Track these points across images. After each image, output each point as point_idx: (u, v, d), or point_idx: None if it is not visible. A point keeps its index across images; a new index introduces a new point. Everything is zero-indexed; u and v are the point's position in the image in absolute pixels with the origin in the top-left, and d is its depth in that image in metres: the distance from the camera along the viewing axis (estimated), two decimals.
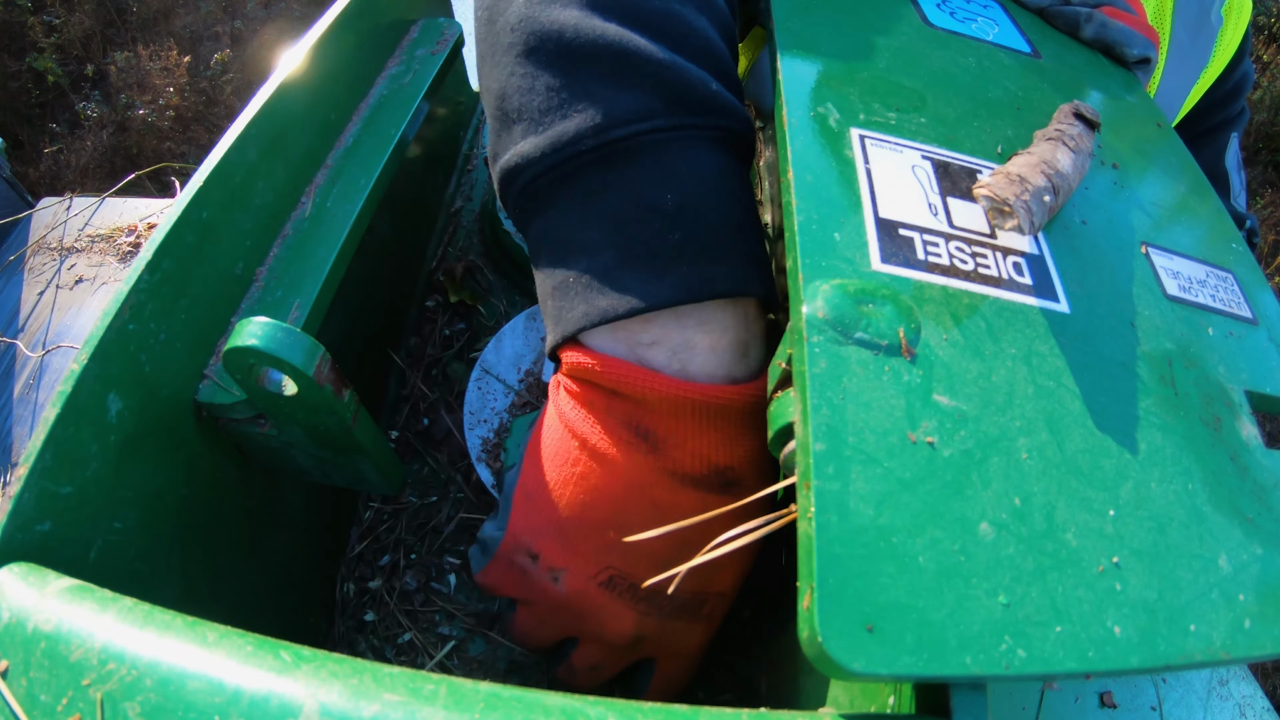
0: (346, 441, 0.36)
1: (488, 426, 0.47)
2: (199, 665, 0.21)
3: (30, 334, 0.74)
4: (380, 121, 0.46)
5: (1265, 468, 0.28)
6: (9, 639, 0.23)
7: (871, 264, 0.28)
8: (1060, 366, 0.27)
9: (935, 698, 0.23)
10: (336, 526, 0.50)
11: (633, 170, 0.33)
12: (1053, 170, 0.31)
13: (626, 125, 0.33)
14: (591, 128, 0.33)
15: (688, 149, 0.34)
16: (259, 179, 0.38)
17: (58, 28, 2.29)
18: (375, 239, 0.49)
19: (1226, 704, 0.44)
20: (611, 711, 0.21)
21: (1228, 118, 0.77)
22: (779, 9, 0.41)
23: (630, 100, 0.33)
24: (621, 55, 0.33)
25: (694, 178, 0.33)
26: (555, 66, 0.34)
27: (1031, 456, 0.25)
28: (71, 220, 0.82)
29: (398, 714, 0.20)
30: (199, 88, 2.21)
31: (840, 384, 0.25)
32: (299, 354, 0.31)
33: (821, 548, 0.21)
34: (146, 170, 1.05)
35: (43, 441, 0.27)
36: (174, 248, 0.33)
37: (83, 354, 0.29)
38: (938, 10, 0.45)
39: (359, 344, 0.51)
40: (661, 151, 0.33)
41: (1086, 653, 0.21)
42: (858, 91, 0.36)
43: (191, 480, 0.35)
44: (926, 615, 0.21)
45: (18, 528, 0.26)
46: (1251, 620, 0.24)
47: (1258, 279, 0.35)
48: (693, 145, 0.34)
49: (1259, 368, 0.31)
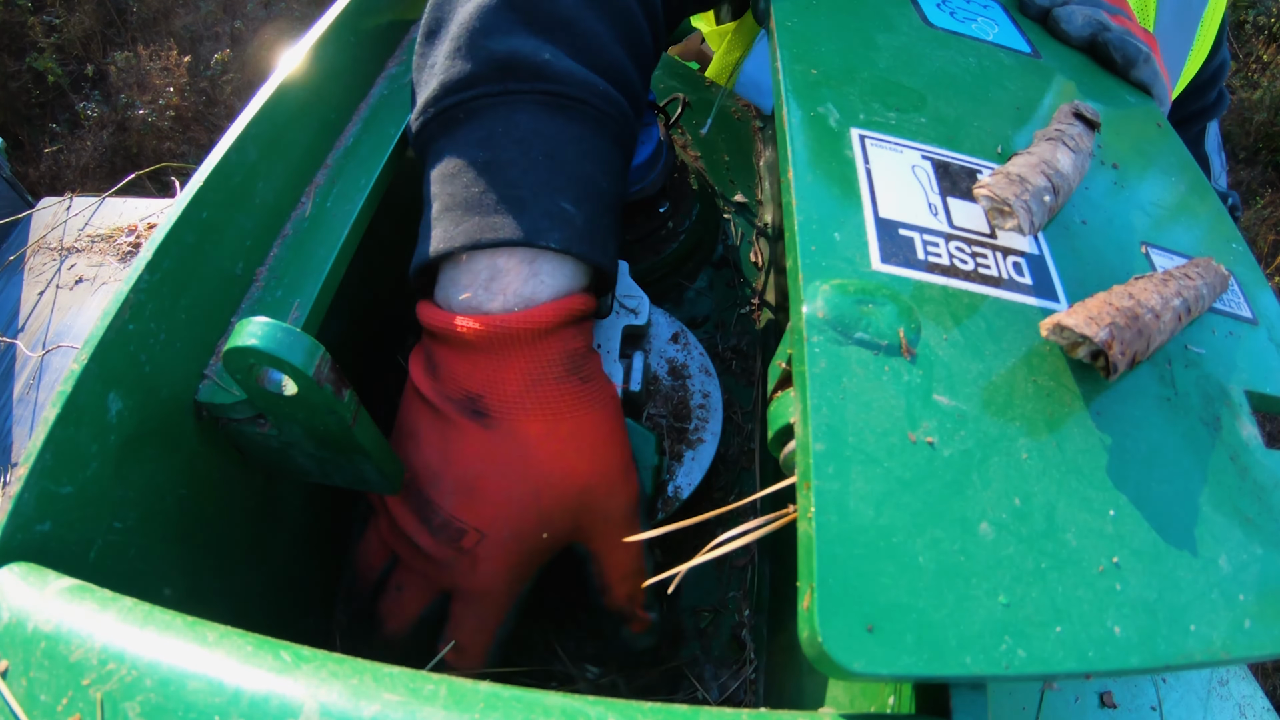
0: (346, 441, 0.36)
1: None
2: (199, 665, 0.21)
3: (30, 334, 0.74)
4: (380, 121, 0.46)
5: (1265, 468, 0.28)
6: (9, 639, 0.23)
7: (871, 264, 0.28)
8: (1060, 366, 0.27)
9: (935, 698, 0.23)
10: (336, 526, 0.50)
11: (458, 133, 0.38)
12: (1053, 170, 0.31)
13: (455, 94, 0.38)
14: (432, 97, 0.38)
15: (511, 112, 0.37)
16: (259, 179, 0.38)
17: (58, 28, 2.29)
18: (375, 239, 0.49)
19: (1226, 704, 0.44)
20: (611, 711, 0.21)
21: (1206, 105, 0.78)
22: (779, 9, 0.41)
23: (462, 70, 0.38)
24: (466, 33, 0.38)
25: (508, 138, 0.37)
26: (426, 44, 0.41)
27: (1031, 456, 0.25)
28: (71, 220, 0.82)
29: (398, 714, 0.20)
30: (199, 88, 2.21)
31: (840, 384, 0.25)
32: (299, 354, 0.31)
33: (821, 548, 0.21)
34: (146, 170, 1.05)
35: (43, 441, 0.27)
36: (174, 248, 0.33)
37: (83, 354, 0.29)
38: (938, 10, 0.45)
39: (359, 344, 0.51)
40: (484, 115, 0.38)
41: (1086, 653, 0.21)
42: (858, 91, 0.36)
43: (191, 480, 0.35)
44: (926, 615, 0.21)
45: (18, 528, 0.26)
46: (1251, 620, 0.24)
47: (1258, 279, 0.35)
48: (515, 109, 0.38)
49: (1259, 368, 0.31)
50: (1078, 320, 0.26)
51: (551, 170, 0.37)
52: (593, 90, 0.38)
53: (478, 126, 0.37)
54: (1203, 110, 0.78)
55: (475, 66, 0.38)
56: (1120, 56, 0.45)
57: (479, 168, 0.37)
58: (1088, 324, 0.26)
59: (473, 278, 0.37)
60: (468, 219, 0.36)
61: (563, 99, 0.38)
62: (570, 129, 0.38)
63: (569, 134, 0.38)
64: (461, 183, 0.37)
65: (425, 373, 0.39)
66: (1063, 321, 0.26)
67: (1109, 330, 0.26)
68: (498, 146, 0.37)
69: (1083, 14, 0.46)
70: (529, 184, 0.36)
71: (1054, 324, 0.27)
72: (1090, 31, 0.46)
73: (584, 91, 0.38)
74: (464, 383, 0.37)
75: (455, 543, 0.38)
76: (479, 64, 0.38)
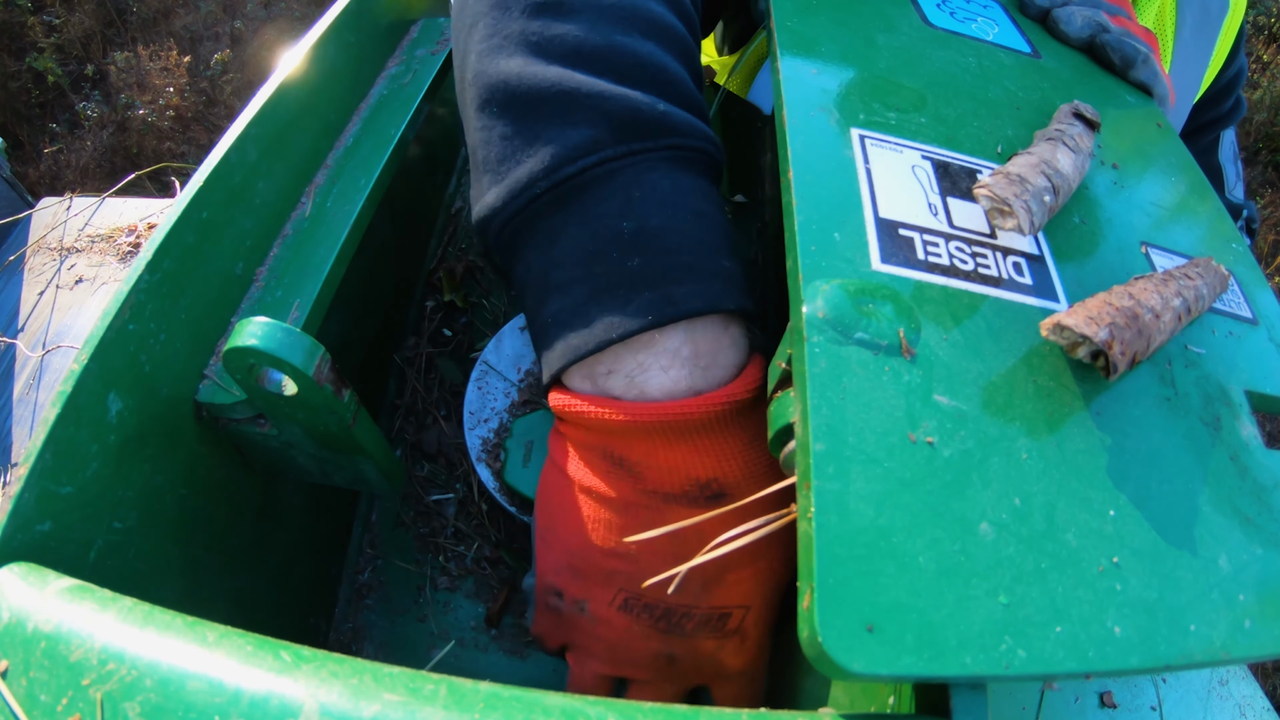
0: (346, 441, 0.36)
1: (488, 426, 0.47)
2: (199, 665, 0.21)
3: (30, 334, 0.74)
4: (380, 121, 0.46)
5: (1265, 468, 0.28)
6: (9, 639, 0.23)
7: (871, 264, 0.28)
8: (1060, 366, 0.27)
9: (935, 698, 0.23)
10: (336, 526, 0.50)
11: (587, 204, 0.34)
12: (1053, 170, 0.31)
13: (574, 162, 0.33)
14: (543, 169, 0.34)
15: (641, 174, 0.34)
16: (259, 179, 0.38)
17: (58, 28, 2.29)
18: (375, 239, 0.49)
19: (1226, 704, 0.44)
20: (611, 711, 0.21)
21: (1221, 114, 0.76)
22: (779, 9, 0.41)
23: (577, 136, 0.34)
24: (564, 95, 0.34)
25: (648, 201, 0.34)
26: (506, 116, 0.35)
27: (1031, 456, 0.25)
28: (71, 220, 0.82)
29: (398, 714, 0.20)
30: (199, 88, 2.21)
31: (840, 384, 0.25)
32: (299, 354, 0.31)
33: (821, 548, 0.21)
34: (146, 170, 1.05)
35: (43, 441, 0.27)
36: (174, 248, 0.33)
37: (83, 354, 0.29)
38: (938, 10, 0.45)
39: (359, 344, 0.51)
40: (614, 181, 0.34)
41: (1086, 653, 0.21)
42: (858, 91, 0.36)
43: (191, 480, 0.35)
44: (926, 615, 0.21)
45: (18, 528, 0.26)
46: (1251, 620, 0.24)
47: (1258, 279, 0.35)
48: (646, 169, 0.34)
49: (1259, 368, 0.31)
50: (1078, 320, 0.26)
51: (703, 229, 0.34)
52: (705, 137, 0.36)
53: (608, 196, 0.34)
54: (1218, 119, 0.76)
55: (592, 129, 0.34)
56: (1118, 57, 0.45)
57: (629, 239, 0.33)
58: (1088, 324, 0.26)
59: (669, 356, 0.33)
60: (637, 296, 0.32)
61: (687, 151, 0.35)
62: (699, 183, 0.36)
63: (700, 188, 0.36)
64: (612, 259, 0.33)
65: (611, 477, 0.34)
66: (1063, 321, 0.26)
67: (1109, 330, 0.26)
68: (642, 214, 0.33)
69: (1082, 15, 0.46)
70: (689, 248, 0.33)
71: (1054, 324, 0.27)
72: (1089, 33, 0.46)
73: (701, 141, 0.36)
74: (691, 471, 0.33)
75: (720, 631, 0.35)
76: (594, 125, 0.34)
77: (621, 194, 0.34)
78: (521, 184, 0.34)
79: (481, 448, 0.46)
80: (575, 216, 0.34)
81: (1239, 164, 0.82)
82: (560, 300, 0.34)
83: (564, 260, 0.34)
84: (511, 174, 0.35)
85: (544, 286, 0.35)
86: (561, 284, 0.34)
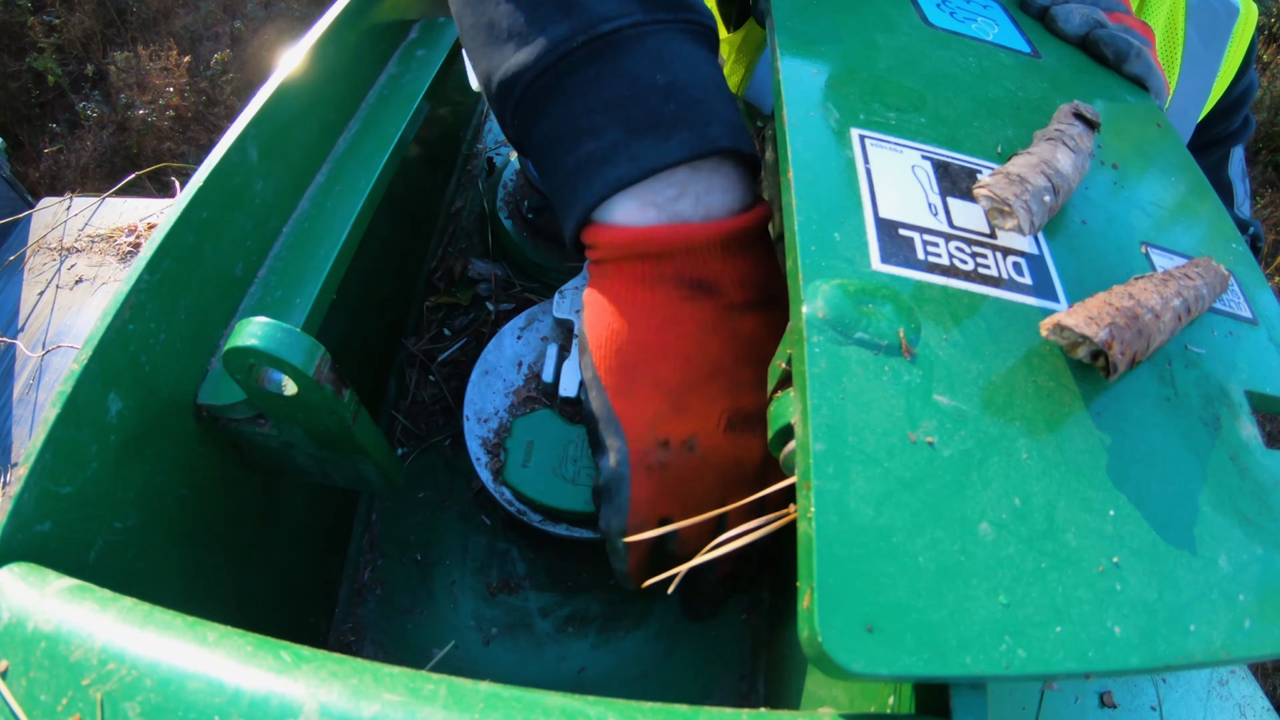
0: (346, 442, 0.36)
1: (487, 426, 0.47)
2: (199, 665, 0.21)
3: (30, 334, 0.74)
4: (380, 121, 0.46)
5: (1265, 468, 0.28)
6: (9, 639, 0.23)
7: (871, 264, 0.28)
8: (1060, 366, 0.27)
9: (935, 698, 0.23)
10: (336, 526, 0.50)
11: (623, 59, 0.37)
12: (1053, 170, 0.31)
13: (610, 21, 0.37)
14: (582, 26, 0.37)
15: (666, 39, 0.38)
16: (259, 179, 0.38)
17: (58, 28, 2.29)
18: (375, 239, 0.49)
19: (1226, 704, 0.44)
20: (611, 711, 0.21)
21: (1231, 130, 0.76)
22: (779, 9, 0.41)
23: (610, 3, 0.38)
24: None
25: (675, 60, 0.38)
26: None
27: (1031, 456, 0.25)
28: (71, 220, 0.82)
29: (398, 714, 0.20)
30: (199, 88, 2.21)
31: (840, 384, 0.25)
32: (299, 354, 0.31)
33: (821, 548, 0.21)
34: (146, 170, 1.05)
35: (43, 441, 0.27)
36: (174, 248, 0.33)
37: (83, 354, 0.29)
38: (938, 10, 0.45)
39: (359, 344, 0.51)
40: (644, 41, 0.38)
41: (1086, 653, 0.21)
42: (858, 91, 0.36)
43: (191, 480, 0.35)
44: (926, 615, 0.21)
45: (18, 528, 0.26)
46: (1251, 620, 0.24)
47: (1258, 279, 0.35)
48: (670, 36, 0.39)
49: (1259, 368, 0.31)
50: (1078, 320, 0.26)
51: (719, 90, 0.39)
52: (710, 15, 0.41)
53: (640, 53, 0.38)
54: (1227, 135, 0.76)
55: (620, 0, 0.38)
56: (1112, 51, 0.45)
57: (662, 88, 0.37)
58: (1088, 324, 0.26)
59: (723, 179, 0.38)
60: (676, 134, 0.36)
61: (699, 27, 0.40)
62: (708, 54, 0.41)
63: (710, 58, 0.40)
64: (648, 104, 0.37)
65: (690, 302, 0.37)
66: (1063, 321, 0.26)
67: (1109, 330, 0.26)
68: (673, 70, 0.38)
69: (1080, 12, 0.47)
70: (711, 101, 0.38)
71: (1054, 324, 0.27)
72: (1086, 29, 0.46)
73: (708, 18, 0.41)
74: (757, 277, 0.38)
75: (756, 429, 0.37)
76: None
77: (652, 52, 0.38)
78: (560, 39, 0.37)
79: (481, 448, 0.46)
80: (611, 69, 0.37)
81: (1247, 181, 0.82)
82: (595, 141, 0.37)
83: (597, 107, 0.37)
84: (545, 33, 0.38)
85: (575, 133, 0.37)
86: (597, 127, 0.37)
